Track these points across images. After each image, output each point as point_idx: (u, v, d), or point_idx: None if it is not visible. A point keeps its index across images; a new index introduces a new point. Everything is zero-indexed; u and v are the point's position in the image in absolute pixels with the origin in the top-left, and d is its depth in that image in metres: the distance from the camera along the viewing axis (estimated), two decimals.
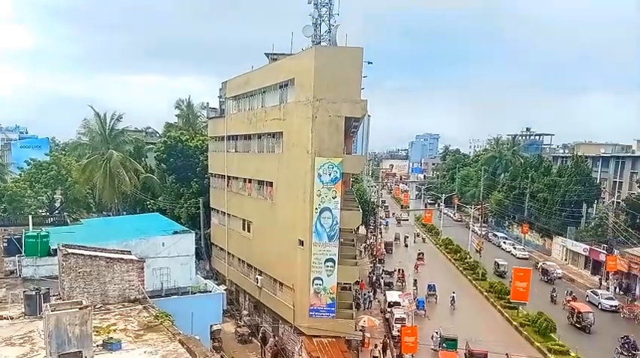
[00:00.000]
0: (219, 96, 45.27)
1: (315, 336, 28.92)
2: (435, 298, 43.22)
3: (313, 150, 28.54)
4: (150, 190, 56.46)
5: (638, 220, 52.70)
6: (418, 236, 74.10)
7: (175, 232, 31.55)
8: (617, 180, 65.76)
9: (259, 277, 35.54)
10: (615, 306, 42.17)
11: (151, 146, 63.23)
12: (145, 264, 23.63)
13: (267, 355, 32.15)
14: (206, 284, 31.38)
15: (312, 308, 29.22)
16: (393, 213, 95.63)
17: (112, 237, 28.36)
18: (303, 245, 29.81)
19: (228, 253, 42.24)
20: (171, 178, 54.73)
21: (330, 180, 28.60)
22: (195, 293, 28.92)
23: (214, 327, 30.51)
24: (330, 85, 28.06)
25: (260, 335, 35.29)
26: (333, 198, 28.75)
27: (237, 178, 40.28)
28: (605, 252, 50.20)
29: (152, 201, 54.17)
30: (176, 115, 64.90)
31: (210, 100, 58.30)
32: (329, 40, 32.42)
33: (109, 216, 55.26)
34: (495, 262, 54.66)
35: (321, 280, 29.20)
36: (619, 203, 60.11)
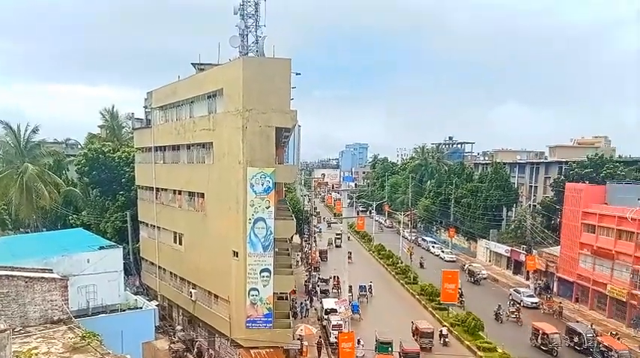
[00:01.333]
0: (145, 107, 43.74)
1: (252, 348, 28.61)
2: (367, 298, 45.64)
3: (245, 160, 28.48)
4: (72, 204, 53.45)
5: (552, 221, 56.66)
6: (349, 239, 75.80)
7: (101, 247, 29.86)
8: (533, 184, 70.03)
9: (193, 290, 34.56)
10: (536, 303, 45.05)
11: (73, 158, 59.82)
12: (68, 283, 22.14)
13: None
14: (136, 300, 29.96)
15: (248, 319, 28.83)
16: (324, 218, 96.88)
17: (31, 255, 26.31)
18: (237, 256, 29.49)
19: (160, 267, 40.82)
20: (95, 191, 52.18)
21: (262, 190, 28.57)
22: (124, 311, 27.51)
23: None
24: (259, 95, 28.26)
25: (195, 350, 34.32)
26: (267, 208, 28.69)
27: (166, 190, 39.14)
28: (524, 252, 53.51)
29: (75, 215, 51.26)
30: (99, 126, 61.94)
31: (135, 110, 56.16)
32: (256, 50, 32.53)
33: (27, 232, 51.52)
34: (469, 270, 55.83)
35: (257, 291, 28.91)
36: (535, 206, 64.20)
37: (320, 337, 34.66)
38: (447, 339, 35.27)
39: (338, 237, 75.94)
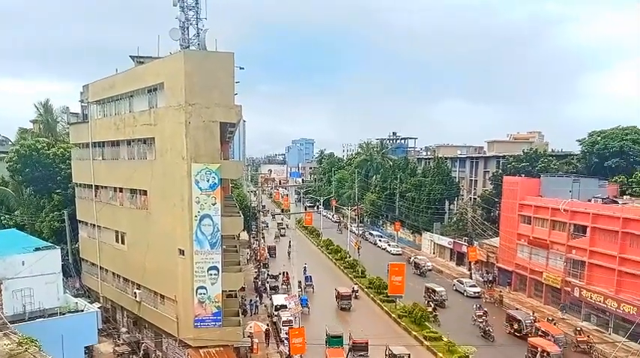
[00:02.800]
0: (81, 101, 41.62)
1: (201, 347, 28.06)
2: (312, 288, 47.04)
3: (189, 156, 27.81)
4: (4, 204, 50.19)
5: (492, 214, 59.09)
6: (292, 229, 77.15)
7: (37, 249, 28.41)
8: (473, 178, 72.57)
9: (138, 291, 33.40)
10: (478, 292, 46.93)
11: (3, 156, 56.12)
12: (2, 286, 20.84)
13: None
14: (77, 303, 28.75)
15: (197, 318, 28.20)
16: (268, 210, 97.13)
17: None
18: (184, 254, 28.73)
19: (101, 268, 39.20)
20: (28, 190, 49.24)
21: (208, 187, 28.00)
22: (64, 314, 26.34)
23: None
24: (202, 89, 27.69)
25: (142, 352, 33.35)
26: (213, 204, 28.16)
27: (106, 187, 37.54)
28: (466, 244, 55.53)
29: (7, 216, 48.14)
30: (32, 121, 58.45)
31: (71, 105, 53.44)
32: (198, 44, 31.71)
33: None
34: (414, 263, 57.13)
35: (206, 289, 28.32)
36: (475, 199, 66.75)
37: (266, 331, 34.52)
38: (357, 294, 45.48)
39: (281, 226, 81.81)
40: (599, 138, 53.57)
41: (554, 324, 36.19)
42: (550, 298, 43.61)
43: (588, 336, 34.22)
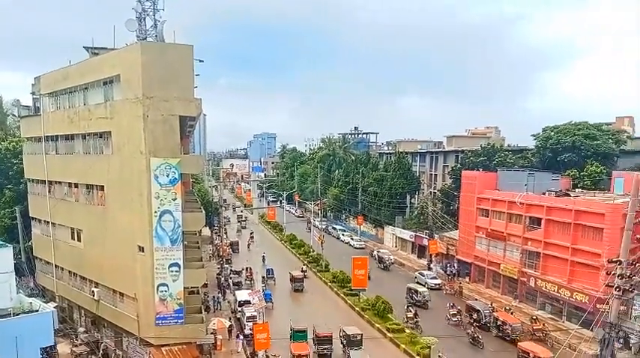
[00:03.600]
0: (33, 93, 39.79)
1: (163, 345, 27.50)
2: (274, 281, 47.61)
3: (147, 150, 27.16)
4: None
5: (451, 207, 60.36)
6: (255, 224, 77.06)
7: None
8: (433, 172, 73.76)
9: (96, 289, 32.43)
10: (439, 284, 47.87)
11: None
12: None
13: None
14: (31, 303, 27.59)
15: (158, 316, 27.59)
16: (229, 204, 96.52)
17: None
18: (143, 251, 28.08)
19: (56, 266, 37.87)
20: None
21: (168, 182, 27.41)
22: (18, 315, 25.19)
23: None
24: (160, 82, 27.10)
25: (101, 352, 32.40)
26: (173, 199, 27.57)
27: (60, 183, 36.17)
28: (427, 237, 56.52)
29: None
30: None
31: (22, 97, 51.02)
32: (155, 35, 30.87)
33: None
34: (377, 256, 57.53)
35: (167, 286, 27.72)
36: (435, 193, 68.01)
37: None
38: (305, 273, 48.88)
39: (241, 218, 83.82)
40: (553, 133, 55.46)
41: (512, 313, 37.35)
42: (507, 288, 44.94)
43: (543, 324, 35.47)
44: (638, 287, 30.64)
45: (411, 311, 37.58)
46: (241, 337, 31.59)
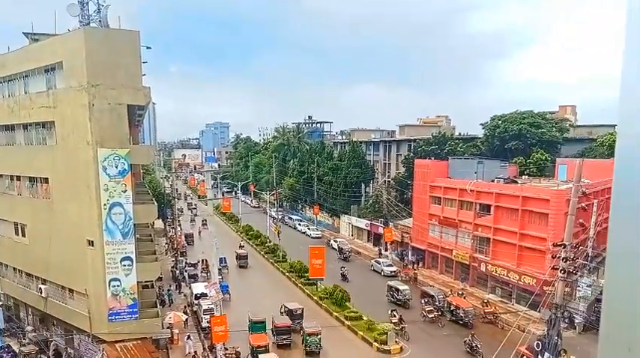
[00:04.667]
0: None
1: (118, 341, 26.71)
2: (227, 269, 47.22)
3: (94, 140, 26.15)
4: None
5: (405, 195, 61.44)
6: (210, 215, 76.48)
7: None
8: (387, 161, 74.74)
9: (43, 286, 31.02)
10: (394, 271, 48.68)
11: None
12: None
13: None
14: None
15: (111, 312, 26.74)
16: (181, 193, 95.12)
17: None
18: (93, 245, 27.08)
19: (0, 263, 35.85)
20: None
21: (117, 173, 26.50)
22: None
23: None
24: (105, 69, 26.14)
25: (51, 351, 31.05)
26: (123, 191, 26.68)
27: (1, 176, 34.23)
28: (382, 225, 57.30)
29: None
30: None
31: None
32: (99, 20, 29.51)
33: None
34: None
35: (119, 281, 26.86)
36: (390, 182, 69.03)
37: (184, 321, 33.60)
38: (243, 246, 53.59)
39: (192, 206, 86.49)
40: (500, 122, 57.32)
41: (464, 298, 38.53)
42: (460, 274, 46.35)
43: (494, 307, 36.86)
44: (581, 270, 32.43)
45: (395, 316, 33.83)
46: (192, 338, 30.57)
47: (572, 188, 21.49)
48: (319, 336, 30.64)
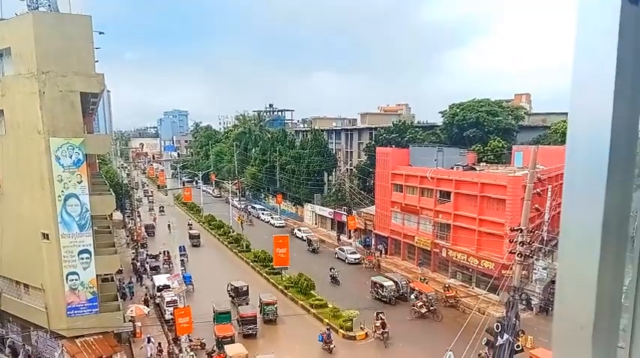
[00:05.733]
0: None
1: (78, 337, 25.94)
2: (186, 257, 46.16)
3: (46, 129, 25.18)
4: None
5: (367, 183, 62.03)
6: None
7: None
8: (349, 149, 75.15)
9: None
10: (358, 259, 49.14)
11: None
12: None
13: None
14: None
15: (70, 306, 25.96)
16: (137, 182, 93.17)
17: None
18: (48, 238, 26.13)
19: None
20: None
21: (72, 163, 25.62)
22: None
23: None
24: (56, 56, 25.18)
25: (7, 348, 29.80)
26: (79, 182, 25.80)
27: None
28: (345, 213, 57.58)
29: None
30: None
31: None
32: (49, 5, 28.28)
33: None
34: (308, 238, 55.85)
35: (77, 274, 26.04)
36: (352, 170, 69.45)
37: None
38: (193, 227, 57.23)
39: (149, 194, 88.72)
40: (458, 110, 58.45)
41: (426, 283, 39.40)
42: (422, 259, 47.21)
43: (455, 292, 37.83)
44: (537, 253, 33.66)
45: (379, 319, 31.29)
46: (152, 341, 29.32)
47: (528, 174, 22.11)
48: (275, 305, 33.87)
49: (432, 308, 34.59)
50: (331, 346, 29.48)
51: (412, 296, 36.53)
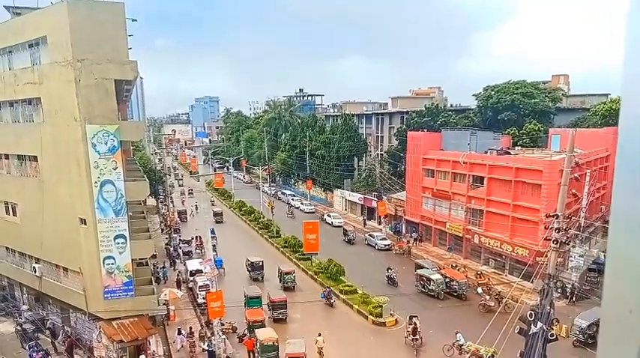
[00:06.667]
0: None
1: (114, 319, 26.70)
2: (216, 240, 45.89)
3: (82, 117, 25.53)
4: None
5: (398, 168, 61.40)
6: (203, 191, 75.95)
7: None
8: (379, 134, 74.44)
9: (37, 265, 30.83)
10: (388, 245, 48.84)
11: None
12: None
13: (61, 349, 28.45)
14: None
15: (106, 289, 26.63)
16: (170, 168, 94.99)
17: None
18: (85, 223, 26.78)
19: None
20: None
21: (107, 150, 26.02)
22: None
23: None
24: (91, 44, 25.35)
25: (47, 330, 31.03)
26: (114, 169, 26.26)
27: None
28: (375, 199, 57.25)
29: None
30: None
31: None
32: None
33: None
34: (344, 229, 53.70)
35: (114, 258, 26.68)
36: (382, 155, 68.78)
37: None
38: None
39: (178, 178, 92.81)
40: (493, 92, 56.97)
41: (458, 270, 38.89)
42: (453, 246, 46.63)
43: (488, 279, 37.20)
44: (573, 240, 32.70)
45: (412, 323, 28.60)
46: (182, 333, 29.39)
47: (565, 158, 21.32)
48: (294, 275, 38.13)
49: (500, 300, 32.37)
50: (332, 301, 34.39)
51: (479, 290, 34.81)
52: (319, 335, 27.25)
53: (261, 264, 39.84)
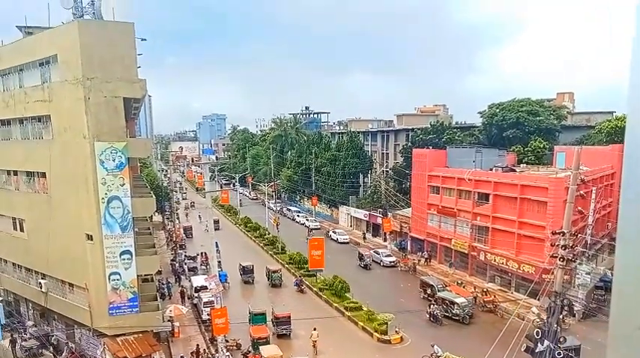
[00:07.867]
0: None
1: (119, 335, 26.70)
2: (219, 253, 44.67)
3: (91, 134, 25.95)
4: None
5: (403, 185, 61.41)
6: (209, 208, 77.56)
7: None
8: (385, 151, 74.62)
9: (43, 281, 31.00)
10: (393, 262, 48.58)
11: None
12: None
13: None
14: None
15: (111, 306, 26.72)
16: (178, 186, 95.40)
17: None
18: (92, 239, 27.01)
19: None
20: None
21: (115, 167, 26.36)
22: None
23: None
24: (101, 62, 25.89)
25: (52, 345, 31.00)
26: (121, 185, 26.57)
27: None
28: (380, 215, 57.15)
29: None
30: None
31: None
32: (93, 13, 29.28)
33: None
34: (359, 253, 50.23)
35: (119, 274, 26.82)
36: (388, 172, 68.84)
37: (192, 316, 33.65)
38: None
39: (183, 192, 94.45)
40: (498, 110, 57.08)
41: (463, 287, 38.64)
42: (459, 263, 46.36)
43: (494, 296, 36.93)
44: (580, 257, 32.49)
45: (435, 353, 27.11)
46: None
47: (571, 175, 21.34)
48: (280, 273, 42.43)
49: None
50: (302, 287, 40.28)
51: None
52: (314, 329, 29.16)
53: (251, 268, 43.40)
